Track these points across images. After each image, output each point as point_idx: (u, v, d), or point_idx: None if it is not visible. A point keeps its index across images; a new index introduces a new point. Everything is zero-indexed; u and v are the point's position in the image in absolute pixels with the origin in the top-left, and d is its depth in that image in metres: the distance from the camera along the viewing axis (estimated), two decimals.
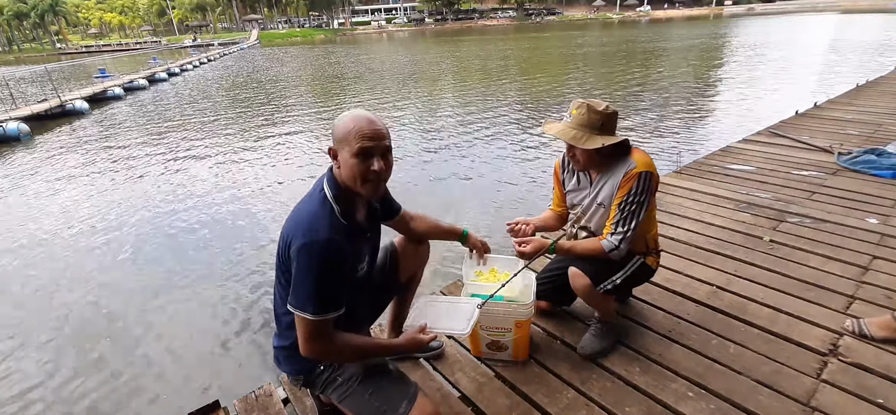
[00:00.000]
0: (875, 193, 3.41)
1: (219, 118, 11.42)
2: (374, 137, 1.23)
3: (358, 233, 1.36)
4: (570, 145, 1.69)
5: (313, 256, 1.19)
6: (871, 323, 1.95)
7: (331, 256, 1.20)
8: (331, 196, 1.28)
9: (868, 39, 20.50)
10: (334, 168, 1.31)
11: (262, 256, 4.31)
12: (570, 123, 1.66)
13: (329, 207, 1.26)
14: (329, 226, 1.22)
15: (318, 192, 1.30)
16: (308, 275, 1.19)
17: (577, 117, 1.65)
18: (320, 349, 1.26)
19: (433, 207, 5.19)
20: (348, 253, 1.27)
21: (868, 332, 1.93)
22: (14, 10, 68.28)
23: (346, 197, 1.30)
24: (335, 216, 1.26)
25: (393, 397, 1.37)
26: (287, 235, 1.25)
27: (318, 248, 1.18)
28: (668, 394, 1.73)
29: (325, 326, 1.24)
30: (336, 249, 1.21)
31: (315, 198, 1.28)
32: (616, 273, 1.80)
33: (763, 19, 44.68)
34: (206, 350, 3.13)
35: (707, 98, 10.58)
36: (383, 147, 1.26)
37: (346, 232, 1.27)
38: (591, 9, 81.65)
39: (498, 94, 12.38)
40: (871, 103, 6.53)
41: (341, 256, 1.23)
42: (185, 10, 79.59)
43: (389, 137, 1.30)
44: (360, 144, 1.21)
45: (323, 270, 1.20)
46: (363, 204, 1.40)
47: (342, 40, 54.19)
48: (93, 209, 5.76)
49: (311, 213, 1.25)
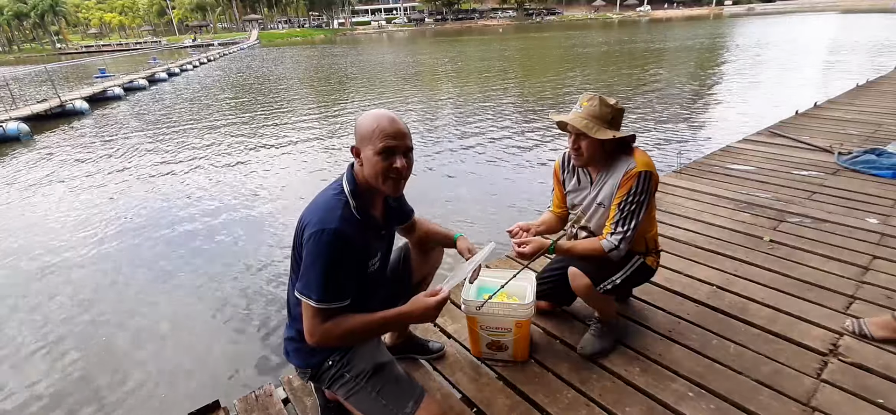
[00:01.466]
0: (875, 193, 3.41)
1: (219, 118, 11.42)
2: (397, 136, 1.27)
3: (371, 229, 1.38)
4: (576, 137, 1.68)
5: (321, 244, 1.22)
6: (870, 323, 1.96)
7: (339, 246, 1.23)
8: (348, 191, 1.32)
9: (868, 39, 20.50)
10: (355, 166, 1.35)
11: (262, 256, 4.31)
12: (581, 112, 1.66)
13: (345, 200, 1.31)
14: (341, 217, 1.25)
15: (336, 185, 1.35)
16: (316, 262, 1.22)
17: (589, 108, 1.65)
18: (322, 336, 1.26)
19: (433, 206, 5.19)
20: (358, 246, 1.30)
21: (868, 332, 1.94)
22: (14, 10, 68.24)
23: (364, 193, 1.34)
24: (349, 209, 1.30)
25: (400, 397, 1.38)
26: (303, 223, 1.29)
27: (327, 236, 1.22)
28: (668, 394, 1.73)
29: (328, 314, 1.25)
30: (344, 240, 1.24)
31: (332, 190, 1.33)
32: (616, 273, 1.80)
33: (763, 19, 44.68)
34: (206, 350, 3.13)
35: (707, 98, 10.58)
36: (405, 146, 1.29)
37: (358, 226, 1.30)
38: (591, 9, 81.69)
39: (498, 94, 12.39)
40: (870, 103, 6.53)
41: (350, 247, 1.26)
42: (185, 10, 79.60)
43: (411, 136, 1.33)
44: (384, 143, 1.25)
45: (330, 259, 1.22)
46: (380, 202, 1.44)
47: (342, 40, 54.21)
48: (92, 209, 5.76)
49: (326, 203, 1.29)
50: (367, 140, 1.27)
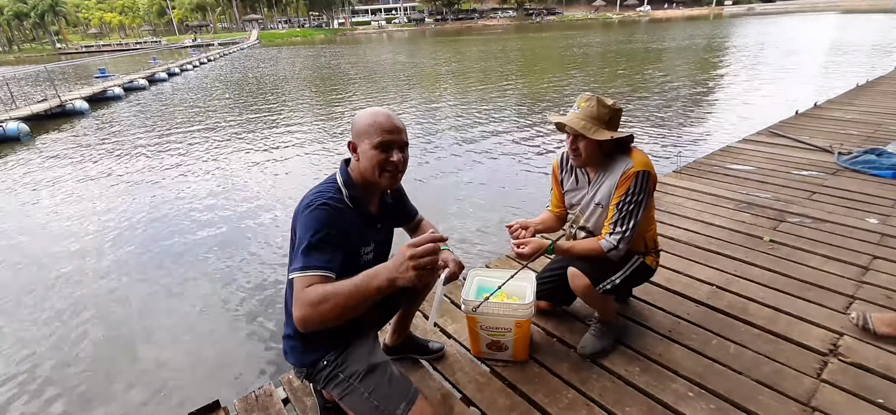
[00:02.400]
0: (875, 193, 3.41)
1: (219, 118, 11.42)
2: (393, 131, 1.31)
3: (363, 216, 1.39)
4: (574, 138, 1.68)
5: (308, 217, 1.24)
6: (876, 318, 1.95)
7: (325, 218, 1.24)
8: (340, 182, 1.35)
9: (868, 39, 20.49)
10: (351, 162, 1.38)
11: (263, 256, 4.31)
12: (578, 113, 1.66)
13: (336, 186, 1.34)
14: (330, 197, 1.29)
15: (329, 178, 1.39)
16: (303, 235, 1.23)
17: (586, 109, 1.65)
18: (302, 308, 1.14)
19: (432, 206, 5.19)
20: (347, 223, 1.30)
21: (872, 326, 1.93)
22: (14, 10, 68.28)
23: (357, 186, 1.37)
24: (340, 195, 1.33)
25: (392, 398, 1.37)
26: (294, 215, 1.32)
27: (314, 209, 1.25)
28: (668, 394, 1.73)
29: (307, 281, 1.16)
30: (332, 212, 1.26)
31: (325, 181, 1.37)
32: (615, 273, 1.80)
33: (763, 19, 44.68)
34: (206, 350, 3.13)
35: (707, 98, 10.57)
36: (401, 141, 1.33)
37: (349, 210, 1.33)
38: (591, 9, 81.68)
39: (498, 94, 12.38)
40: (870, 103, 6.53)
41: (338, 220, 1.26)
42: (185, 10, 79.60)
43: (406, 132, 1.36)
44: (381, 138, 1.29)
45: (315, 230, 1.22)
46: (376, 197, 1.46)
47: (342, 40, 54.19)
48: (93, 209, 5.76)
49: (316, 188, 1.34)
50: (364, 135, 1.31)
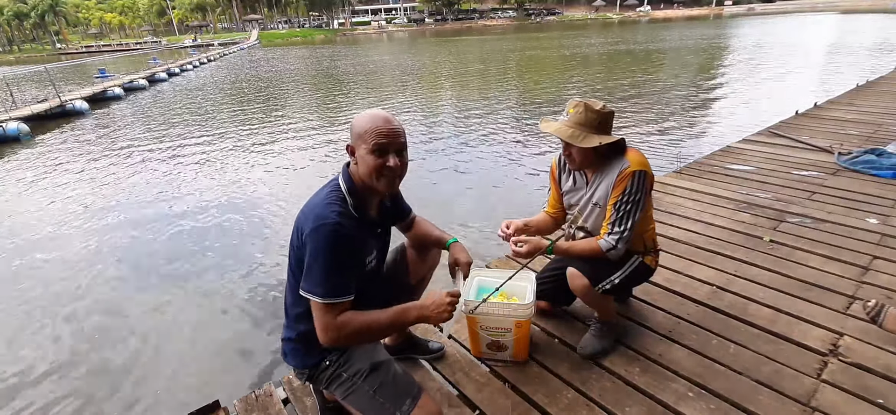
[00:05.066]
0: (875, 193, 3.41)
1: (219, 118, 11.42)
2: (391, 135, 1.29)
3: (368, 226, 1.40)
4: (566, 144, 1.69)
5: (322, 239, 1.23)
6: (891, 314, 1.93)
7: (340, 240, 1.24)
8: (344, 189, 1.34)
9: (868, 40, 20.49)
10: (351, 165, 1.37)
11: (263, 256, 4.31)
12: (567, 121, 1.67)
13: (342, 197, 1.33)
14: (339, 212, 1.27)
15: (332, 184, 1.37)
16: (318, 257, 1.23)
17: (575, 116, 1.65)
18: (335, 332, 1.27)
19: (432, 205, 5.19)
20: (357, 242, 1.31)
21: (882, 319, 1.92)
22: (14, 10, 68.31)
23: (359, 192, 1.36)
24: (346, 206, 1.32)
25: (397, 395, 1.38)
26: (300, 223, 1.31)
27: (327, 230, 1.23)
28: (668, 394, 1.73)
29: (336, 309, 1.26)
30: (345, 234, 1.26)
31: (329, 189, 1.35)
32: (614, 273, 1.80)
33: (763, 19, 44.68)
34: (206, 350, 3.13)
35: (707, 98, 10.57)
36: (399, 144, 1.31)
37: (355, 222, 1.32)
38: (591, 9, 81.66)
39: (497, 94, 12.38)
40: (870, 103, 6.53)
41: (350, 241, 1.27)
42: (185, 11, 79.56)
43: (405, 135, 1.35)
44: (377, 141, 1.27)
45: (332, 253, 1.24)
46: (376, 200, 1.45)
47: (342, 40, 54.19)
48: (92, 209, 5.76)
49: (323, 201, 1.31)
50: (361, 138, 1.30)
